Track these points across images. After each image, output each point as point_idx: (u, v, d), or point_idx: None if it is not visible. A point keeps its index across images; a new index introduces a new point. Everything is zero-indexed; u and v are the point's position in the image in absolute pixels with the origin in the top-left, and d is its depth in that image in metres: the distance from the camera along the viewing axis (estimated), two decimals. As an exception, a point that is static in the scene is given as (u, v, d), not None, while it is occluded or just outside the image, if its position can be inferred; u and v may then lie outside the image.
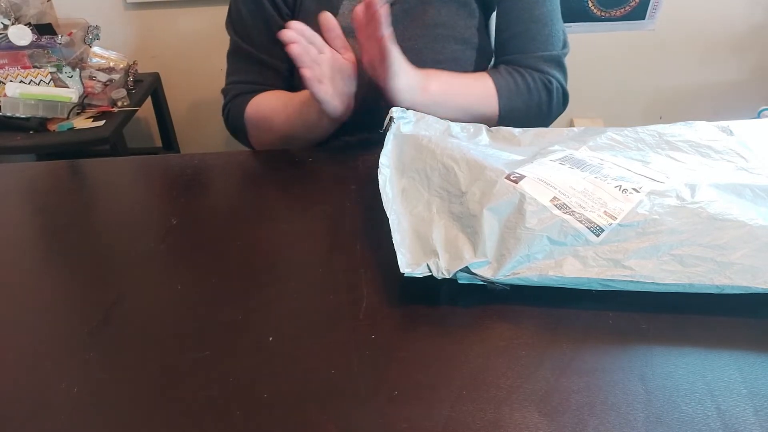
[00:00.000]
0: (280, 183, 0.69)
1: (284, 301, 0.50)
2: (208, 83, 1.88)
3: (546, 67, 0.81)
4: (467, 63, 0.83)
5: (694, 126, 0.67)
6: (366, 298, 0.50)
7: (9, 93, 1.46)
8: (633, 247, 0.48)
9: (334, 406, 0.41)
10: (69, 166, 0.77)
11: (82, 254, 0.58)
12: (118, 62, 1.61)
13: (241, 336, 0.47)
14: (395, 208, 0.55)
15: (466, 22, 0.82)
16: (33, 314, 0.51)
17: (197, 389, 0.43)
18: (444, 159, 0.58)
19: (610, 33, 1.88)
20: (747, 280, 0.45)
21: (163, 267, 0.56)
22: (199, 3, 1.76)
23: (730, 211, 0.50)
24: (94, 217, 0.66)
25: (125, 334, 0.48)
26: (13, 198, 0.71)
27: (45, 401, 0.42)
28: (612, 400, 0.40)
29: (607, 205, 0.51)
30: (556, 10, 0.82)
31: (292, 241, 0.59)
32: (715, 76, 1.98)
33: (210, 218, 0.63)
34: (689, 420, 0.39)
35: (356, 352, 0.45)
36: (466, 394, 0.41)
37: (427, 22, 0.80)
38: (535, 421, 0.39)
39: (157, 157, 0.85)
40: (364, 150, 0.73)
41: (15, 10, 1.46)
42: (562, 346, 0.45)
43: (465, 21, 0.82)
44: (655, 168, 0.58)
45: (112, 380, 0.44)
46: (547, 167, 0.57)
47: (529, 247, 0.48)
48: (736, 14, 1.85)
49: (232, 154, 0.78)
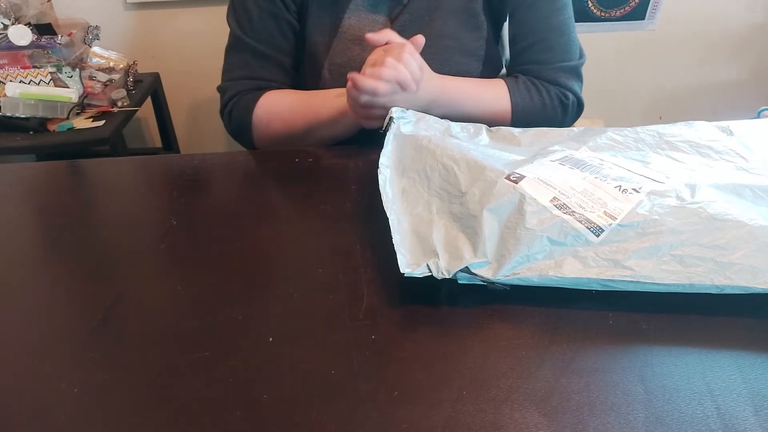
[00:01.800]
0: (280, 183, 0.69)
1: (284, 301, 0.50)
2: (208, 83, 1.87)
3: (564, 79, 0.81)
4: (473, 75, 0.83)
5: (694, 126, 0.67)
6: (366, 298, 0.50)
7: (9, 93, 1.46)
8: (633, 247, 0.48)
9: (334, 406, 0.41)
10: (69, 166, 0.77)
11: (82, 254, 0.58)
12: (118, 62, 1.61)
13: (241, 336, 0.47)
14: (395, 208, 0.55)
15: (473, 34, 0.82)
16: (33, 314, 0.51)
17: (197, 389, 0.43)
18: (444, 159, 0.58)
19: (610, 33, 1.88)
20: (747, 280, 0.45)
21: (163, 267, 0.56)
22: (199, 3, 1.76)
23: (730, 211, 0.50)
24: (94, 217, 0.66)
25: (125, 334, 0.48)
26: (13, 198, 0.71)
27: (45, 401, 0.42)
28: (612, 400, 0.40)
29: (607, 206, 0.51)
30: (571, 19, 0.82)
31: (292, 241, 0.59)
32: (715, 76, 1.98)
33: (210, 218, 0.63)
34: (689, 420, 0.39)
35: (356, 352, 0.45)
36: (466, 394, 0.41)
37: (434, 33, 0.79)
38: (535, 421, 0.39)
39: (157, 157, 0.86)
40: (364, 150, 0.73)
41: (15, 10, 1.46)
42: (562, 346, 0.45)
43: (472, 33, 0.82)
44: (655, 168, 0.58)
45: (112, 380, 0.44)
46: (547, 167, 0.56)
47: (529, 247, 0.48)
48: (736, 14, 1.85)
49: (232, 154, 0.78)
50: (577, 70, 0.83)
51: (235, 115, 0.83)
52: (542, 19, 0.80)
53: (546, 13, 0.80)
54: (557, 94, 0.81)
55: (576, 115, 0.84)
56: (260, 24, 0.81)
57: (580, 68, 0.83)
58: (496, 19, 0.84)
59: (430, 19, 0.80)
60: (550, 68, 0.81)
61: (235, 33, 0.83)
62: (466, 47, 0.82)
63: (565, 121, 0.83)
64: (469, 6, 0.80)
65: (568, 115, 0.83)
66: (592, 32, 1.88)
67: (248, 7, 0.81)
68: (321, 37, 0.81)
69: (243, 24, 0.82)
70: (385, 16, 0.80)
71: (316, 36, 0.81)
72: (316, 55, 0.81)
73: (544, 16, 0.80)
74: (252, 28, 0.81)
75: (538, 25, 0.80)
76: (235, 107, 0.83)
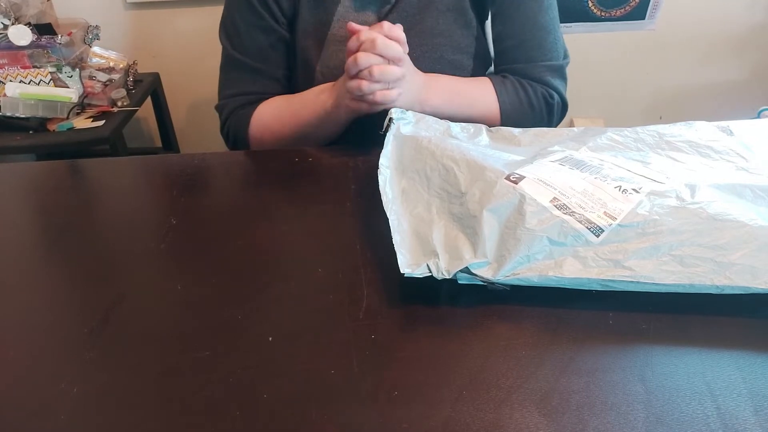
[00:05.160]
0: (280, 183, 0.69)
1: (284, 301, 0.50)
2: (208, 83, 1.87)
3: (550, 78, 0.81)
4: (465, 72, 0.84)
5: (694, 126, 0.67)
6: (366, 298, 0.50)
7: (9, 93, 1.46)
8: (633, 247, 0.48)
9: (334, 406, 0.41)
10: (69, 166, 0.77)
11: (82, 254, 0.58)
12: (118, 62, 1.61)
13: (241, 336, 0.47)
14: (395, 208, 0.55)
15: (464, 31, 0.82)
16: (33, 314, 0.51)
17: (197, 389, 0.43)
18: (444, 160, 0.58)
19: (610, 33, 1.88)
20: (747, 280, 0.45)
21: (163, 267, 0.56)
22: (199, 3, 1.76)
23: (730, 212, 0.50)
24: (94, 217, 0.66)
25: (125, 334, 0.48)
26: (13, 198, 0.71)
27: (45, 401, 0.42)
28: (612, 400, 0.40)
29: (607, 206, 0.51)
30: (557, 19, 0.82)
31: (292, 241, 0.59)
32: (715, 76, 1.98)
33: (210, 218, 0.63)
34: (689, 420, 0.39)
35: (356, 352, 0.45)
36: (466, 394, 0.41)
37: (425, 31, 0.80)
38: (535, 421, 0.39)
39: (157, 157, 0.86)
40: (364, 150, 0.73)
41: (15, 10, 1.46)
42: (562, 346, 0.45)
43: (462, 30, 0.82)
44: (655, 168, 0.58)
45: (112, 380, 0.44)
46: (546, 168, 0.57)
47: (529, 247, 0.48)
48: (736, 14, 1.85)
49: (232, 154, 0.78)
50: (562, 70, 0.83)
51: (232, 133, 0.84)
52: (530, 18, 0.80)
53: (534, 11, 0.80)
54: (543, 93, 0.81)
55: (561, 115, 0.84)
56: (249, 40, 0.81)
57: (564, 68, 0.83)
58: (480, 14, 0.84)
59: (420, 17, 0.80)
60: (537, 66, 0.81)
61: (227, 50, 0.83)
62: (458, 44, 0.82)
63: (551, 122, 0.83)
64: (458, 3, 0.80)
65: (554, 116, 0.83)
66: (592, 32, 1.88)
67: (237, 24, 0.81)
68: (312, 42, 0.81)
69: (233, 41, 0.82)
70: (374, 15, 0.80)
71: (307, 41, 0.81)
72: (308, 60, 0.81)
73: (532, 15, 0.80)
74: (242, 44, 0.82)
75: (526, 23, 0.80)
76: (232, 126, 0.84)
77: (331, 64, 0.80)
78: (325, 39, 0.80)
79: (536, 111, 0.81)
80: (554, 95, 0.82)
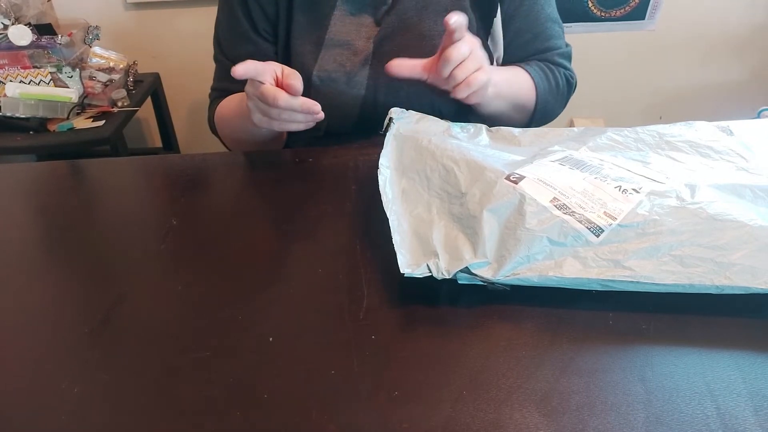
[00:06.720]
0: (280, 183, 0.69)
1: (284, 301, 0.51)
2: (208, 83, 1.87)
3: (566, 63, 0.88)
4: None
5: (694, 126, 0.67)
6: (366, 298, 0.50)
7: (9, 93, 1.46)
8: (633, 247, 0.48)
9: (334, 406, 0.41)
10: (69, 167, 0.77)
11: (82, 254, 0.58)
12: (118, 62, 1.61)
13: (241, 336, 0.47)
14: (395, 209, 0.55)
15: None
16: (33, 314, 0.51)
17: (197, 389, 0.43)
18: (444, 160, 0.58)
19: (610, 33, 1.89)
20: (747, 281, 0.45)
21: (164, 267, 0.56)
22: (199, 3, 1.76)
23: (730, 212, 0.50)
24: (94, 217, 0.66)
25: (125, 334, 0.48)
26: (13, 198, 0.71)
27: (45, 401, 0.42)
28: (612, 400, 0.40)
29: (607, 206, 0.51)
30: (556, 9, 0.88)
31: (292, 241, 0.59)
32: (715, 76, 1.98)
33: (210, 218, 0.63)
34: (689, 420, 0.39)
35: (356, 352, 0.45)
36: (466, 394, 0.41)
37: (423, 32, 0.80)
38: (535, 421, 0.39)
39: (157, 157, 0.86)
40: (364, 150, 0.73)
41: (15, 10, 1.46)
42: (562, 346, 0.45)
43: None
44: (655, 168, 0.58)
45: (112, 380, 0.44)
46: (546, 168, 0.57)
47: (529, 247, 0.48)
48: (736, 15, 1.85)
49: (232, 154, 0.78)
50: (570, 55, 0.90)
51: (209, 123, 0.89)
52: (541, 11, 0.84)
53: (541, 4, 0.84)
54: (565, 75, 0.87)
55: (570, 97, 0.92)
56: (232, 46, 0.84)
57: (571, 54, 0.90)
58: (486, 14, 0.84)
59: (418, 19, 0.80)
60: (555, 54, 0.87)
61: (215, 52, 0.88)
62: None
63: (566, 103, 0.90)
64: (457, 4, 0.80)
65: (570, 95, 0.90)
66: (592, 32, 1.88)
67: (223, 29, 0.85)
68: (309, 47, 0.80)
69: (221, 44, 0.86)
70: (371, 18, 0.80)
71: (303, 46, 0.80)
72: (303, 64, 0.80)
73: (542, 7, 0.84)
74: (227, 48, 0.85)
75: (539, 16, 0.84)
76: (209, 119, 0.89)
77: (328, 67, 0.79)
78: (322, 43, 0.79)
79: (561, 91, 0.86)
80: (573, 76, 0.88)
